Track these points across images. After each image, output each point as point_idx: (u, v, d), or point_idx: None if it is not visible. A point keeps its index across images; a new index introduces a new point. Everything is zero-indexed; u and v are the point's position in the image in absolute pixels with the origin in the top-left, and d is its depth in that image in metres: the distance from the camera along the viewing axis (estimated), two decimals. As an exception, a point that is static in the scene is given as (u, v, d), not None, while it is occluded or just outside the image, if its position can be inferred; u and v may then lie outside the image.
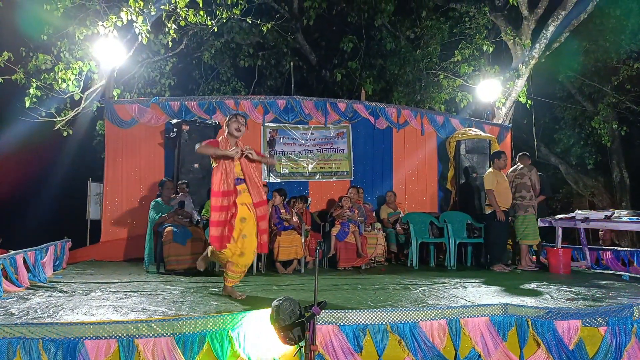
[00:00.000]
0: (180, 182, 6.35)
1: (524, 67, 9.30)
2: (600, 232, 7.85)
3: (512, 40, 9.55)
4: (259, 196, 4.07)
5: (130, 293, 4.10)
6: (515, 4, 9.19)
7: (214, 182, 3.94)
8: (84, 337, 2.59)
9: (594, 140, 12.50)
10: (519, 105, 9.88)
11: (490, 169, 6.46)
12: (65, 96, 7.70)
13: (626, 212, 6.00)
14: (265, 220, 4.13)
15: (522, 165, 6.61)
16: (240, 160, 4.01)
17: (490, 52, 9.77)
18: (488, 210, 6.33)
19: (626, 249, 6.85)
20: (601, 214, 6.01)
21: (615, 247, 6.96)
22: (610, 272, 6.30)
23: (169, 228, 5.68)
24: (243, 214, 3.97)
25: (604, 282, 5.15)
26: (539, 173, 6.98)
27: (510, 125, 9.03)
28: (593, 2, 9.24)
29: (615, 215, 5.86)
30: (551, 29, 9.27)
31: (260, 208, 4.06)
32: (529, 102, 9.68)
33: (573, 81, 12.66)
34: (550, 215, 6.94)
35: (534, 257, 6.82)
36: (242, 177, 4.02)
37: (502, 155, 6.47)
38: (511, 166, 7.06)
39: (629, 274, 5.86)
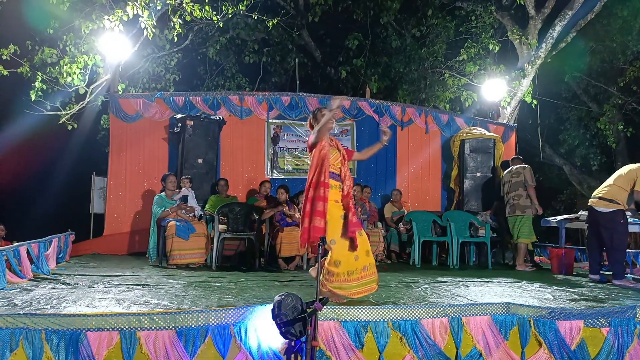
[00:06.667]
0: (183, 177, 6.36)
1: (529, 66, 9.26)
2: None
3: (518, 40, 9.51)
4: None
5: (132, 286, 4.11)
6: (522, 3, 9.14)
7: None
8: (86, 329, 2.60)
9: (599, 142, 12.46)
10: (524, 105, 9.85)
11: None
12: (71, 90, 7.73)
13: (630, 213, 5.97)
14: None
15: (517, 166, 6.56)
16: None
17: (496, 51, 9.73)
18: (607, 209, 5.10)
19: (630, 250, 6.82)
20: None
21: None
22: (613, 273, 6.27)
23: (172, 222, 5.69)
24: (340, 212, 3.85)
25: (607, 283, 5.13)
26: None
27: (515, 125, 8.99)
28: (600, 2, 9.18)
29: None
30: (558, 28, 9.22)
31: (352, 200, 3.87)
32: (534, 102, 9.64)
33: (579, 81, 12.62)
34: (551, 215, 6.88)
35: (540, 257, 6.77)
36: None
37: None
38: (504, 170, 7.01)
39: (632, 276, 5.84)
